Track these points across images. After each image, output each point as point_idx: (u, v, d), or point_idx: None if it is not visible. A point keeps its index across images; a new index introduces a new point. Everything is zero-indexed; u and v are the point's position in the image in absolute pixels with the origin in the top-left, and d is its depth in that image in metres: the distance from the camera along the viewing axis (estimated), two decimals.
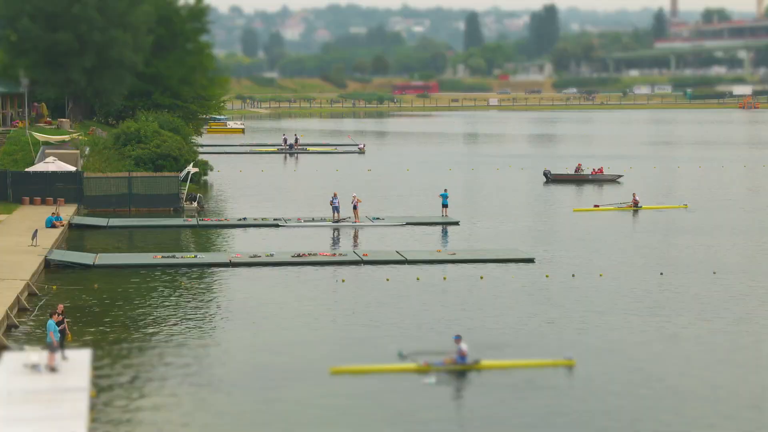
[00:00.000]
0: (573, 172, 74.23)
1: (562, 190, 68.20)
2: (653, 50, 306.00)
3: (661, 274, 38.75)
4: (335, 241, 46.93)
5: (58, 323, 25.61)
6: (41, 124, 73.57)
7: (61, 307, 27.08)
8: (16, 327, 29.95)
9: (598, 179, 72.75)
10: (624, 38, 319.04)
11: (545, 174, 73.83)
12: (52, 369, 23.71)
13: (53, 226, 46.42)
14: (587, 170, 74.50)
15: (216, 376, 25.49)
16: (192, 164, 61.04)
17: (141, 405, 23.12)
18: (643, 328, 30.44)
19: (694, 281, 37.58)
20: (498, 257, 41.72)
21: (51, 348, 24.33)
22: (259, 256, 41.16)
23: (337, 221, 50.70)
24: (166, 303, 33.58)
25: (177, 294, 34.95)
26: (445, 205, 52.74)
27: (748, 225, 52.47)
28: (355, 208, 51.09)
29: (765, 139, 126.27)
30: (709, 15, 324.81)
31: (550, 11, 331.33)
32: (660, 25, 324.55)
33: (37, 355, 24.14)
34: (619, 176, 73.80)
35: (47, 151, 60.63)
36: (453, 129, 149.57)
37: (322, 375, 25.51)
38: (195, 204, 57.12)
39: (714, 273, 38.82)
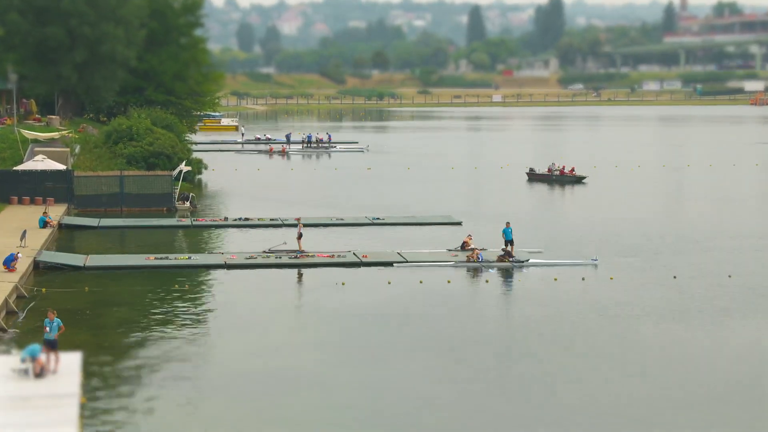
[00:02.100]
0: (546, 172, 74.76)
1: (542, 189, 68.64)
2: (662, 45, 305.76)
3: (675, 277, 38.75)
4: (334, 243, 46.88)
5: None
6: (30, 122, 73.55)
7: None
8: (5, 331, 29.90)
9: (566, 179, 72.93)
10: (632, 33, 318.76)
11: (528, 173, 75.26)
12: (38, 375, 23.56)
13: (46, 225, 46.42)
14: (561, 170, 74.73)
15: (210, 381, 25.46)
16: (185, 162, 61.00)
17: (133, 411, 23.08)
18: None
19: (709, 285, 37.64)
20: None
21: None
22: (256, 258, 41.12)
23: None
24: (159, 306, 33.53)
25: (170, 297, 34.91)
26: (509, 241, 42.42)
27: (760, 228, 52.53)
28: None
29: None
30: (720, 8, 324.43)
31: (556, 5, 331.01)
32: (669, 19, 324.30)
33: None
34: (583, 177, 73.78)
35: (36, 149, 60.60)
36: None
37: (320, 380, 25.48)
38: (187, 204, 57.08)
39: (729, 276, 38.79)
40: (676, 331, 30.67)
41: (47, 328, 25.09)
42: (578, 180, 72.88)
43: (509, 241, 42.30)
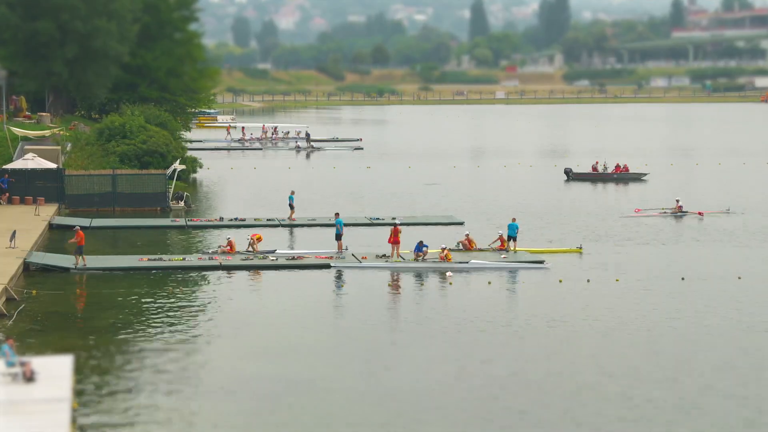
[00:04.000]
0: (591, 171, 74.28)
1: (582, 189, 68.47)
2: (670, 40, 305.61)
3: (683, 279, 38.79)
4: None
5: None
6: (20, 119, 73.53)
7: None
8: None
9: (623, 178, 72.83)
10: (639, 27, 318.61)
11: (566, 172, 74.15)
12: (29, 379, 23.65)
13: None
14: (610, 167, 74.30)
15: (205, 385, 25.47)
16: (179, 161, 61.00)
17: (126, 416, 23.09)
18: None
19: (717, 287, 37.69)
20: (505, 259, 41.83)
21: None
22: (252, 259, 41.16)
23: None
24: (153, 308, 33.55)
25: (164, 299, 34.94)
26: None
27: None
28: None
29: None
30: (729, 2, 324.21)
31: None
32: (677, 13, 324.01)
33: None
34: (645, 174, 73.93)
35: (26, 147, 60.60)
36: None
37: (317, 384, 25.51)
38: (182, 203, 57.12)
39: (739, 278, 38.79)
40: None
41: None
42: (636, 178, 72.85)
43: (512, 237, 43.04)
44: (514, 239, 43.25)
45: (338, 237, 43.16)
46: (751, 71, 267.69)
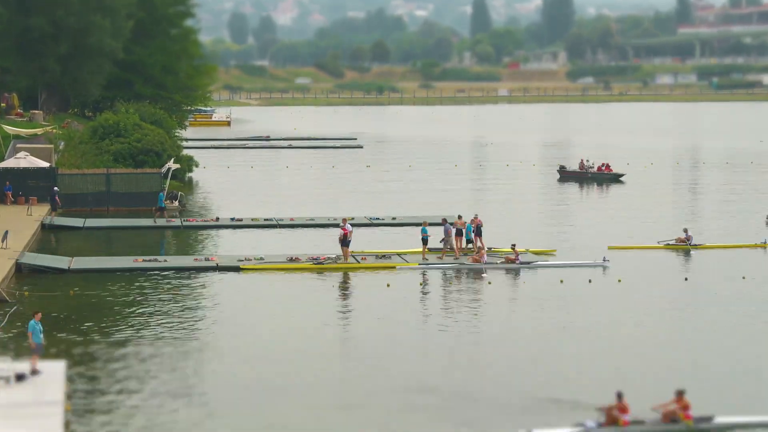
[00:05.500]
0: (578, 169, 74.46)
1: (571, 189, 68.65)
2: (676, 36, 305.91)
3: (686, 279, 38.82)
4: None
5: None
6: (12, 117, 73.58)
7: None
8: None
9: (603, 178, 72.55)
10: (645, 23, 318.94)
11: (559, 171, 74.54)
12: (35, 371, 23.79)
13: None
14: (596, 166, 74.36)
15: (201, 389, 25.48)
16: (173, 160, 60.98)
17: (120, 420, 23.10)
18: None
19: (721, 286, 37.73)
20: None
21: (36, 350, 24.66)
22: (249, 260, 41.16)
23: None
24: (147, 310, 33.53)
25: (159, 301, 34.94)
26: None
27: None
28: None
29: None
30: None
31: None
32: (684, 9, 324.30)
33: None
34: (621, 175, 73.65)
35: (18, 145, 60.63)
36: None
37: (315, 388, 25.52)
38: (176, 203, 57.09)
39: (743, 278, 38.78)
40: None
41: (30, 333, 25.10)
42: (615, 178, 72.74)
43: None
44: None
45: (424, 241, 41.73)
46: (759, 68, 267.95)
